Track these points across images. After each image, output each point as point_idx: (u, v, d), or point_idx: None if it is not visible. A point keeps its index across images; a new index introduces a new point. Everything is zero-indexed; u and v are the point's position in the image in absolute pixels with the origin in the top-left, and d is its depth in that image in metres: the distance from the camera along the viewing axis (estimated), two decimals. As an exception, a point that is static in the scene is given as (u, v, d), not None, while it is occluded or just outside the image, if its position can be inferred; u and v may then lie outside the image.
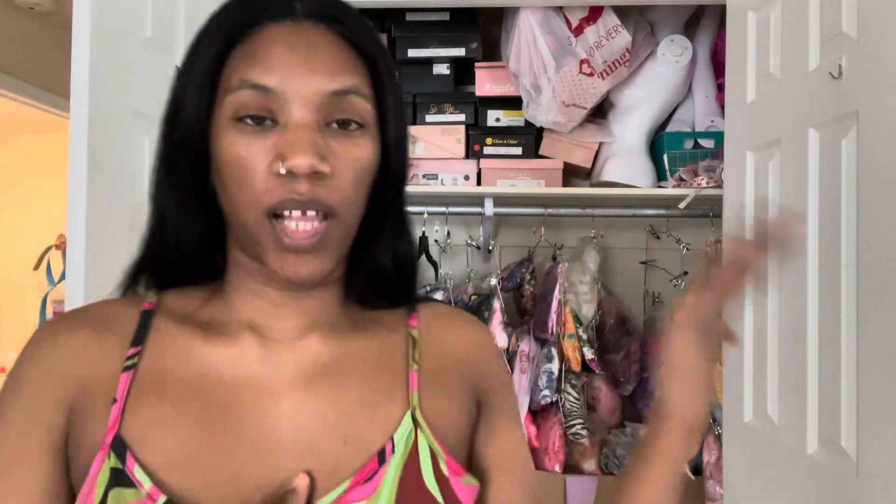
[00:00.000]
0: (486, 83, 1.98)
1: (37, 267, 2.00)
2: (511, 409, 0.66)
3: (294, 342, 0.57)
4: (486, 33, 2.03)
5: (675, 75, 1.89)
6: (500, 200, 1.92)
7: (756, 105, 1.36)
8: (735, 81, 1.44)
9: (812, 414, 1.12)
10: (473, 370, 0.63)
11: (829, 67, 1.08)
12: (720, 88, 1.92)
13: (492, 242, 1.99)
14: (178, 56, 1.25)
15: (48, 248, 1.99)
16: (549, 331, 1.82)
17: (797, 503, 1.15)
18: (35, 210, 4.64)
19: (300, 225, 0.50)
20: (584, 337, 1.83)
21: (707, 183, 1.74)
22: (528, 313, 1.96)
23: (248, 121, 0.50)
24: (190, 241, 0.56)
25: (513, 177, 1.96)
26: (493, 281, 1.87)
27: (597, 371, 1.86)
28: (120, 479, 0.49)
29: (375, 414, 0.55)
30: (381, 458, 0.53)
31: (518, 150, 2.00)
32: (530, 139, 2.00)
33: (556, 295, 1.83)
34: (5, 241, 4.68)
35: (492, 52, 2.08)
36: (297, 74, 0.50)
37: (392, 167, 0.57)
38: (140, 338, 0.55)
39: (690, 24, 1.98)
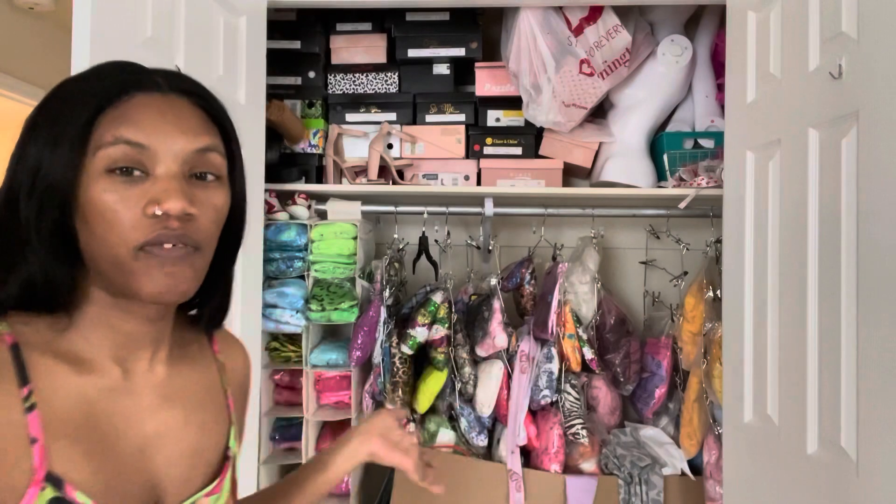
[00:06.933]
0: (486, 83, 1.98)
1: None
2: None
3: (147, 373, 0.68)
4: (486, 33, 2.03)
5: (675, 75, 1.89)
6: (500, 200, 1.92)
7: (756, 105, 1.36)
8: (735, 81, 1.44)
9: (812, 414, 1.12)
10: (244, 389, 0.84)
11: (829, 67, 1.08)
12: (720, 88, 1.92)
13: (492, 242, 1.99)
14: (178, 56, 1.25)
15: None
16: (549, 331, 1.82)
17: (797, 503, 1.15)
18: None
19: (173, 252, 0.60)
20: (584, 337, 1.83)
21: (707, 183, 1.74)
22: (528, 313, 1.95)
23: (118, 172, 0.59)
24: (61, 279, 0.62)
25: (513, 177, 1.97)
26: (493, 281, 1.87)
27: (597, 371, 1.86)
28: None
29: (213, 431, 0.73)
30: (225, 458, 0.74)
31: (518, 150, 2.00)
32: (530, 139, 2.00)
33: (556, 295, 1.83)
34: (5, 241, 4.67)
35: (492, 52, 2.08)
36: (168, 134, 0.61)
37: (236, 214, 0.69)
38: (23, 376, 0.59)
39: (690, 24, 1.98)
